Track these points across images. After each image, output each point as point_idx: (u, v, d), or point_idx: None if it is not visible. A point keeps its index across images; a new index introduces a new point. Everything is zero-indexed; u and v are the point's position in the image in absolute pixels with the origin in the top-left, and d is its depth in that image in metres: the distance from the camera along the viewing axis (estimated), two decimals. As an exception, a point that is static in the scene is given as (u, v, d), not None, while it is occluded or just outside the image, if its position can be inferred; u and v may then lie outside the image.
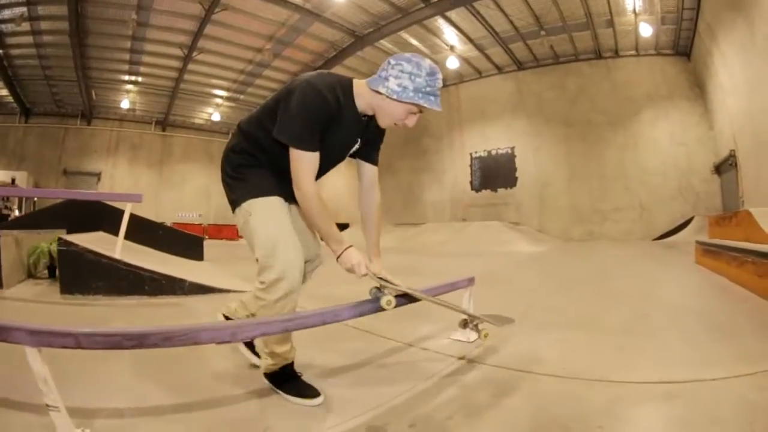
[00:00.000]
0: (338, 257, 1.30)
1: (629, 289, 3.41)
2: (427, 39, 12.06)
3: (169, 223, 15.22)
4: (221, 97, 16.60)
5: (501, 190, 13.95)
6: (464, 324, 1.85)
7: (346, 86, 1.32)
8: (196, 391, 1.34)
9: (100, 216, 4.92)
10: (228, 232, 17.55)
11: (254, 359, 1.58)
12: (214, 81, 15.13)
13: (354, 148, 1.46)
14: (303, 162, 1.25)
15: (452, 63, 12.83)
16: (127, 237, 4.51)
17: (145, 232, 5.32)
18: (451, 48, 12.47)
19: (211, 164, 19.46)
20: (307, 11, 10.69)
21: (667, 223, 10.88)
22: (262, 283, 1.27)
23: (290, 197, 1.37)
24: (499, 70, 13.74)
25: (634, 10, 9.87)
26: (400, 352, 1.81)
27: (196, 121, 18.88)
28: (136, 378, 1.47)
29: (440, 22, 11.11)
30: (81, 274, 3.12)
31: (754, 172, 7.39)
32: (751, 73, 6.89)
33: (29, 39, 11.44)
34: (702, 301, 2.86)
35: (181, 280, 3.25)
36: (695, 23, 9.46)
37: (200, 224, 17.53)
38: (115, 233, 4.44)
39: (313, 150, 1.26)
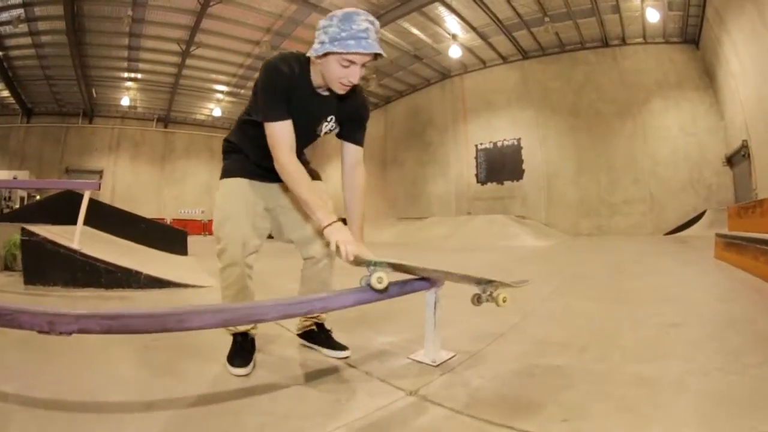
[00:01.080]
0: (323, 229, 1.26)
1: (648, 290, 2.92)
2: (428, 28, 11.64)
3: (169, 220, 15.30)
4: (222, 92, 16.40)
5: (507, 183, 13.55)
6: (477, 299, 1.56)
7: (303, 60, 1.35)
8: (91, 392, 1.25)
9: (88, 210, 4.96)
10: (229, 229, 17.31)
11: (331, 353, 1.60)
12: (214, 76, 14.92)
13: (328, 126, 1.47)
14: (275, 133, 1.31)
15: (455, 52, 12.40)
16: (108, 230, 4.76)
17: (127, 225, 5.42)
18: (454, 37, 12.04)
19: (213, 160, 19.34)
20: (304, 1, 10.33)
21: (678, 217, 10.45)
22: (216, 250, 1.45)
23: (269, 176, 1.47)
24: (504, 59, 13.27)
25: None
26: (332, 374, 1.43)
27: (198, 116, 18.78)
28: (52, 369, 1.45)
29: (441, 10, 10.70)
30: (42, 265, 3.08)
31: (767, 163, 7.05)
32: (763, 58, 6.58)
33: (28, 40, 11.37)
34: (737, 305, 2.37)
35: (137, 273, 3.15)
36: (703, 9, 9.07)
37: (201, 221, 17.48)
38: (102, 228, 4.64)
39: (282, 119, 1.31)
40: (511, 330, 1.89)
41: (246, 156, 1.51)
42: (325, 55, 1.25)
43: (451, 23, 11.43)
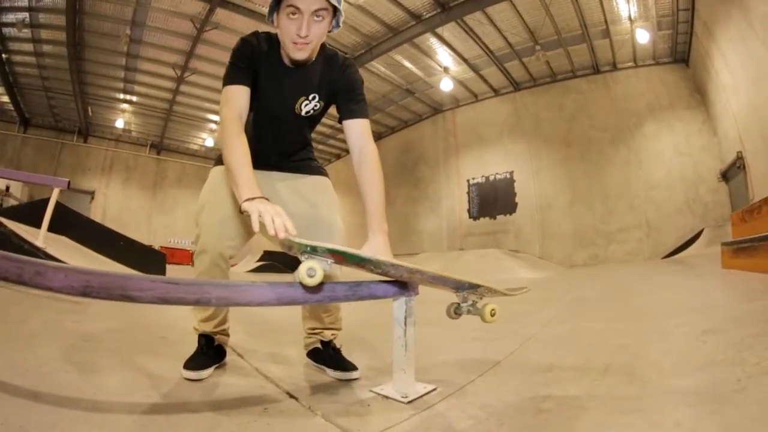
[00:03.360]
0: (241, 204, 1.03)
1: (663, 304, 2.58)
2: (420, 60, 11.77)
3: (157, 246, 14.87)
4: (214, 122, 16.34)
5: (500, 217, 13.30)
6: (455, 310, 1.25)
7: (275, 36, 1.32)
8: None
9: (70, 221, 5.04)
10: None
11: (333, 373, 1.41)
12: (207, 105, 14.89)
13: (310, 105, 1.37)
14: (225, 94, 1.26)
15: (446, 85, 12.47)
16: (85, 242, 4.85)
17: (105, 240, 5.36)
18: (445, 69, 12.15)
19: (205, 191, 19.04)
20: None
21: (675, 240, 10.20)
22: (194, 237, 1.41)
23: (262, 162, 1.33)
24: (496, 92, 13.39)
25: (630, 17, 9.55)
26: (262, 404, 1.07)
27: (191, 146, 18.70)
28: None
29: (432, 41, 10.79)
30: (5, 257, 2.95)
31: (764, 169, 6.94)
32: (752, 63, 6.59)
33: (30, 47, 11.28)
34: (764, 303, 2.06)
35: (94, 282, 2.96)
36: (691, 25, 9.23)
37: (189, 251, 17.05)
38: (79, 240, 4.82)
39: (235, 83, 1.26)
40: (510, 357, 1.54)
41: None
42: (276, 13, 1.21)
43: (443, 55, 11.54)
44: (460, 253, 11.39)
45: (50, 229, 4.00)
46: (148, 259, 6.00)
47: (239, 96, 1.24)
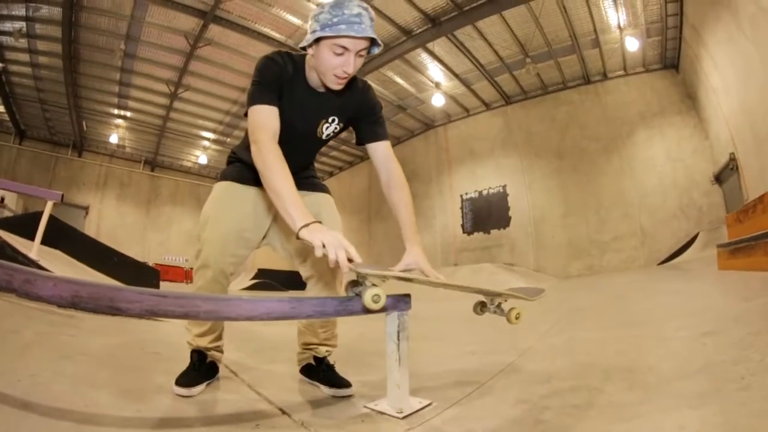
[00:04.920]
0: (298, 231, 1.04)
1: (660, 309, 2.55)
2: (411, 76, 11.91)
3: (151, 264, 14.75)
4: (208, 139, 16.39)
5: (494, 231, 13.30)
6: (481, 307, 1.33)
7: (298, 58, 1.32)
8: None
9: (64, 235, 5.05)
10: (211, 277, 16.84)
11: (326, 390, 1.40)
12: (201, 122, 14.95)
13: (330, 128, 1.39)
14: (256, 116, 1.22)
15: (438, 100, 12.63)
16: (78, 257, 4.82)
17: (99, 256, 5.37)
18: (437, 85, 12.30)
19: (199, 208, 18.65)
20: (290, 48, 10.56)
21: (670, 245, 10.20)
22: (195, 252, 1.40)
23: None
24: (487, 106, 13.56)
25: (619, 25, 9.72)
26: (254, 420, 1.06)
27: (185, 163, 18.66)
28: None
29: (423, 57, 10.94)
30: (-3, 269, 2.94)
31: (758, 169, 6.94)
32: (742, 64, 6.64)
33: (26, 57, 11.31)
34: (763, 300, 2.05)
35: (86, 297, 2.97)
36: (680, 30, 9.39)
37: (183, 268, 16.95)
38: (72, 254, 4.74)
39: (266, 103, 1.23)
40: (507, 369, 1.53)
41: (244, 163, 1.44)
42: (317, 42, 1.18)
43: (434, 71, 11.69)
44: (455, 269, 11.32)
45: (44, 242, 3.98)
46: (142, 276, 5.99)
47: (271, 117, 1.22)
